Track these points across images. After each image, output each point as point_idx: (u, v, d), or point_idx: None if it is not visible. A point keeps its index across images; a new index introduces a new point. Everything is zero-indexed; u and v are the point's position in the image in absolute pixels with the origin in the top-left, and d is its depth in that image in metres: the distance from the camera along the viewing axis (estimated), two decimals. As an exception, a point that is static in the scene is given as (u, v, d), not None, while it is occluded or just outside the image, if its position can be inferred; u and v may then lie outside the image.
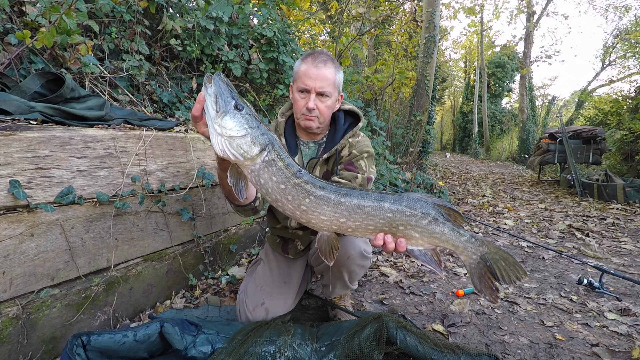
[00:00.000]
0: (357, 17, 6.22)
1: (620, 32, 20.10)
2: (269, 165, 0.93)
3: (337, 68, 1.47)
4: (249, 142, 0.89)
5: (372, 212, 1.01)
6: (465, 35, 25.33)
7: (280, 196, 0.96)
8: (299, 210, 1.00)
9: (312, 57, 1.43)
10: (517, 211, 5.00)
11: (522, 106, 17.47)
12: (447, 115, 35.23)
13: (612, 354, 1.56)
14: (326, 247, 1.06)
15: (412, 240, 1.05)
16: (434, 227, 1.02)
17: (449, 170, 11.30)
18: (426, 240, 1.04)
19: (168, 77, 2.71)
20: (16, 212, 1.24)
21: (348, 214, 1.01)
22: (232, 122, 0.89)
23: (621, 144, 7.88)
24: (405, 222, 1.02)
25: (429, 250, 1.06)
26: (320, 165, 1.57)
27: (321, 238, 1.08)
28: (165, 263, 1.85)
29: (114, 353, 1.18)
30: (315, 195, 0.98)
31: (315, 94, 1.41)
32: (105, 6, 2.13)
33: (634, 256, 3.04)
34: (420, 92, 7.57)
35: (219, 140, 0.90)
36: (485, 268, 1.04)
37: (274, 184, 0.95)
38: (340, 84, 1.51)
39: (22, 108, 1.41)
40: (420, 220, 1.02)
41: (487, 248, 1.04)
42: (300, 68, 1.43)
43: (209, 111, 0.90)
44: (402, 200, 1.03)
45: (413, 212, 1.02)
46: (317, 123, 1.48)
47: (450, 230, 1.02)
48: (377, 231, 1.05)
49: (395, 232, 1.04)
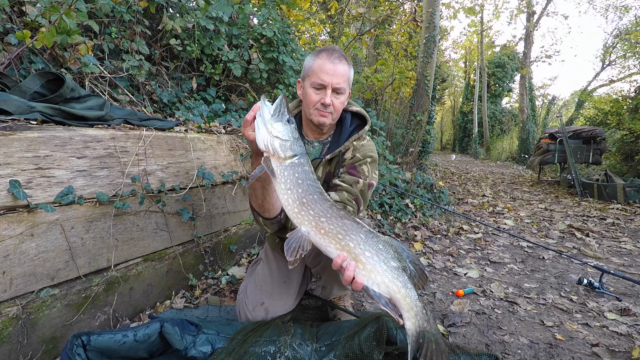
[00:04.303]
0: (357, 17, 6.22)
1: (620, 32, 20.09)
2: (295, 166, 1.10)
3: (350, 66, 1.48)
4: (288, 145, 1.09)
5: (350, 227, 1.04)
6: (465, 35, 25.34)
7: (293, 186, 1.09)
8: (300, 201, 1.08)
9: (326, 52, 1.43)
10: (517, 211, 5.00)
11: (522, 106, 17.46)
12: (447, 115, 35.24)
13: (612, 354, 1.56)
14: (296, 244, 1.06)
15: (372, 275, 1.01)
16: (399, 275, 1.00)
17: (449, 170, 11.30)
18: (386, 283, 1.00)
19: (168, 77, 2.71)
20: (16, 212, 1.24)
21: (329, 217, 1.06)
22: (281, 127, 1.10)
23: (621, 144, 7.88)
24: (374, 252, 1.01)
25: (385, 296, 1.01)
26: (323, 166, 1.56)
27: (296, 233, 1.07)
28: (165, 263, 1.85)
29: (114, 353, 1.18)
30: (320, 197, 1.09)
31: (331, 89, 1.41)
32: (105, 6, 2.13)
33: (634, 256, 3.04)
34: (420, 92, 7.57)
35: (265, 136, 1.08)
36: (416, 342, 1.01)
37: (294, 178, 1.10)
38: (352, 81, 1.52)
39: (22, 108, 1.41)
40: (390, 260, 1.01)
41: (429, 326, 1.02)
42: (315, 63, 1.42)
43: (264, 114, 1.10)
44: (383, 236, 1.05)
45: (387, 249, 1.02)
46: (331, 119, 1.47)
47: (411, 289, 1.00)
48: (344, 248, 1.02)
49: (360, 259, 1.01)
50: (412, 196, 3.92)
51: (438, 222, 3.90)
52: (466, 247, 3.20)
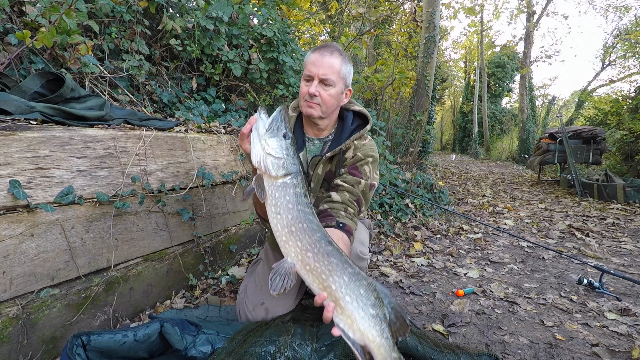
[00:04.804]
0: (357, 17, 6.22)
1: (620, 32, 20.09)
2: (287, 187, 1.06)
3: (345, 59, 1.46)
4: (280, 164, 1.04)
5: (335, 266, 1.00)
6: (465, 35, 25.33)
7: (283, 211, 1.06)
8: (288, 229, 1.05)
9: (320, 47, 1.44)
10: (517, 211, 5.00)
11: (522, 106, 17.46)
12: (447, 115, 35.23)
13: (612, 354, 1.56)
14: (280, 277, 1.03)
15: (349, 320, 0.97)
16: (376, 323, 0.95)
17: (449, 170, 11.30)
18: (362, 331, 0.96)
19: (168, 77, 2.71)
20: (16, 212, 1.24)
21: (316, 253, 1.01)
22: (276, 144, 1.05)
23: (621, 144, 7.88)
24: (354, 297, 0.97)
25: (359, 343, 0.97)
26: (324, 164, 1.56)
27: (282, 264, 1.05)
28: (165, 263, 1.85)
29: (114, 353, 1.18)
30: (309, 226, 1.05)
31: (318, 80, 1.41)
32: (105, 6, 2.13)
33: (634, 256, 3.04)
34: (420, 92, 7.57)
35: (259, 153, 1.05)
36: None
37: (284, 201, 1.06)
38: (348, 76, 1.49)
39: (22, 108, 1.41)
40: (369, 307, 0.96)
41: None
42: (309, 58, 1.44)
43: (259, 128, 1.07)
44: (368, 279, 0.99)
45: (368, 295, 0.97)
46: (319, 111, 1.46)
47: (387, 339, 0.95)
48: (325, 289, 1.00)
49: (339, 303, 0.98)
50: (412, 196, 3.92)
51: (438, 222, 3.90)
52: (466, 247, 3.20)
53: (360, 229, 1.76)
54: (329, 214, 1.36)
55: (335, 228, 1.31)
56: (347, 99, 1.56)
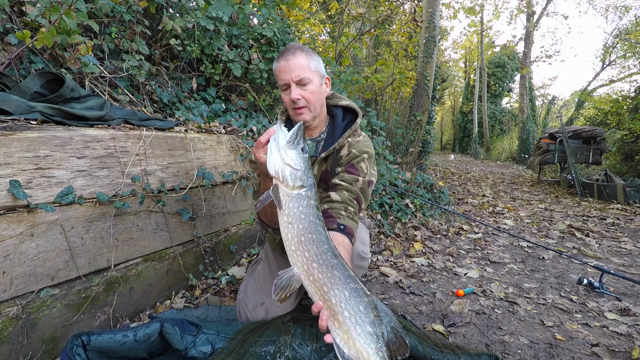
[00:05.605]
0: (357, 17, 6.22)
1: (620, 32, 20.10)
2: (302, 199, 1.09)
3: (309, 54, 1.45)
4: (298, 175, 1.09)
5: (338, 280, 1.00)
6: (465, 35, 25.33)
7: (295, 220, 1.08)
8: (298, 239, 1.07)
9: (281, 53, 1.44)
10: (517, 211, 5.00)
11: (522, 106, 17.46)
12: (447, 115, 35.24)
13: (612, 354, 1.56)
14: (285, 283, 1.04)
15: (345, 336, 0.96)
16: (372, 341, 0.94)
17: (449, 170, 11.30)
18: (357, 347, 0.95)
19: (168, 77, 2.71)
20: (16, 212, 1.24)
21: (321, 265, 1.03)
22: (295, 155, 1.09)
23: (621, 144, 7.88)
24: (353, 313, 0.97)
25: (352, 356, 0.97)
26: (319, 164, 1.55)
27: (288, 272, 1.06)
28: (165, 263, 1.85)
29: (114, 353, 1.18)
30: (318, 237, 1.07)
31: (294, 84, 1.40)
32: (105, 6, 2.13)
33: (634, 256, 3.04)
34: (420, 92, 7.57)
35: (278, 162, 1.08)
36: None
37: (297, 211, 1.09)
38: (319, 67, 1.48)
39: (22, 108, 1.41)
40: (367, 325, 0.95)
41: None
42: (277, 68, 1.44)
43: (279, 140, 1.10)
44: (369, 296, 0.99)
45: (367, 312, 0.97)
46: (309, 113, 1.46)
47: (382, 358, 0.93)
48: (325, 302, 1.00)
49: (337, 317, 0.98)
50: (412, 196, 3.92)
51: (438, 222, 3.90)
52: (466, 247, 3.20)
53: (361, 229, 1.76)
54: (329, 214, 1.36)
55: (336, 231, 1.30)
56: (328, 87, 1.55)
